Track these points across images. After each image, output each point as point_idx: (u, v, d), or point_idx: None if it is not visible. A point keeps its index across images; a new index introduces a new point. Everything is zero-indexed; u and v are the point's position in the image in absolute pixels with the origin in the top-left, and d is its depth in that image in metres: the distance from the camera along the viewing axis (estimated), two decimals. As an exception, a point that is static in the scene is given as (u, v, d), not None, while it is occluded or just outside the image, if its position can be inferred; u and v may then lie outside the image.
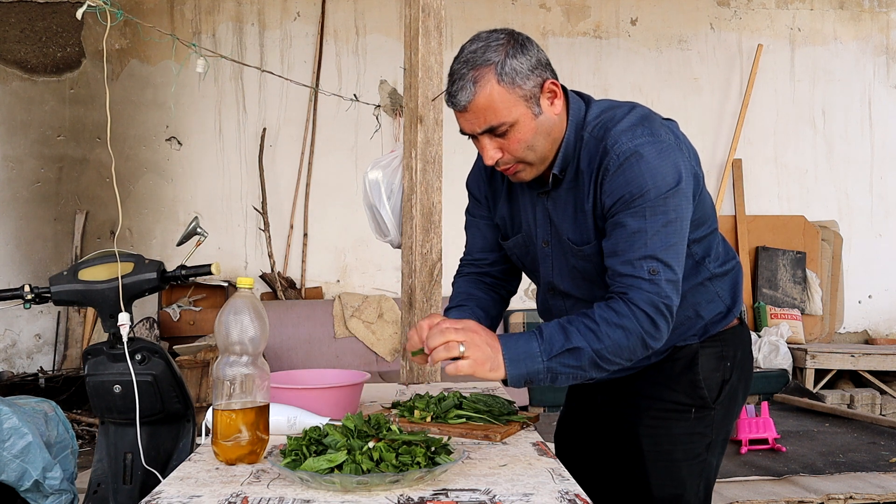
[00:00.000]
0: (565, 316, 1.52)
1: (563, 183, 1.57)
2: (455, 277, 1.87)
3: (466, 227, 1.85)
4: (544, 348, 1.42)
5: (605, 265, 1.50)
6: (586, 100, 1.59)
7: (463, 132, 1.53)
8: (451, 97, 1.48)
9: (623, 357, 1.45)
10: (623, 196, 1.45)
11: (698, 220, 1.57)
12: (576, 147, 1.54)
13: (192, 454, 1.55)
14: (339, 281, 6.07)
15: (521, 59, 1.44)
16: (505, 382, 1.46)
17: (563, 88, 1.55)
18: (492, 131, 1.47)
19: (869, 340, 6.57)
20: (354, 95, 5.43)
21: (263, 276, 5.87)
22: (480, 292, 1.80)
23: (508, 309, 6.00)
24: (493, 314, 1.80)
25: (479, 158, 1.74)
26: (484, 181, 1.76)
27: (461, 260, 1.88)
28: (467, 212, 1.84)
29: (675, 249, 1.45)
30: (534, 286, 1.85)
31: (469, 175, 1.81)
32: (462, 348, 1.40)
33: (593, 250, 1.55)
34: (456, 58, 1.51)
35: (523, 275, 1.88)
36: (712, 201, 1.66)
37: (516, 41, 1.46)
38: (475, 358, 1.41)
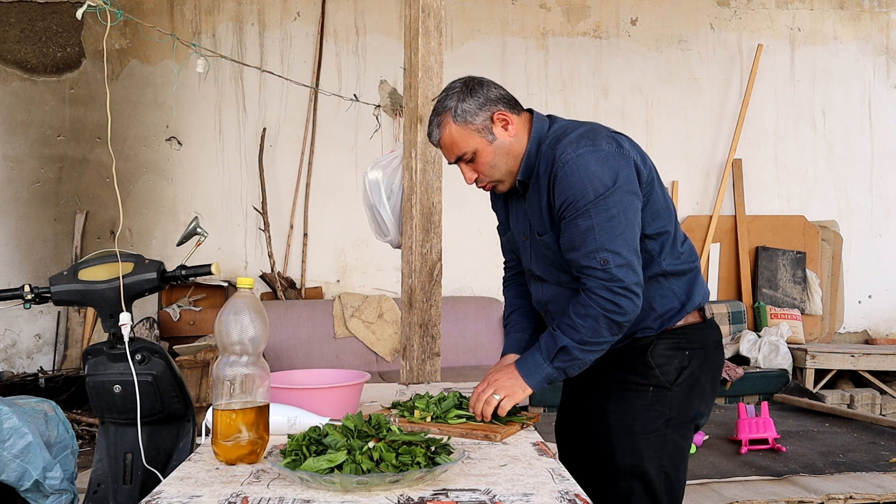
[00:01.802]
0: (545, 302, 1.95)
1: (530, 187, 1.89)
2: (503, 285, 2.21)
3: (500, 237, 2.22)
4: (544, 356, 1.79)
5: (569, 259, 1.80)
6: (553, 119, 1.91)
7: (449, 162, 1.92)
8: (429, 137, 1.90)
9: (604, 335, 1.76)
10: (568, 198, 1.75)
11: (651, 214, 1.83)
12: (536, 157, 1.86)
13: (192, 454, 1.55)
14: (339, 281, 6.07)
15: (471, 101, 1.82)
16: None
17: (530, 111, 1.90)
18: (461, 159, 1.86)
19: (869, 340, 6.57)
20: (354, 95, 5.43)
21: (263, 276, 5.87)
22: (521, 299, 2.12)
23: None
24: (534, 316, 2.10)
25: None
26: (493, 198, 2.11)
27: (504, 266, 2.22)
28: (497, 226, 2.18)
29: (622, 238, 1.73)
30: None
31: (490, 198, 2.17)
32: (497, 396, 1.77)
33: (551, 239, 1.86)
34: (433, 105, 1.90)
35: None
36: (670, 204, 1.92)
37: (468, 87, 1.84)
38: (508, 394, 1.78)
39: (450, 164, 1.93)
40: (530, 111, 1.92)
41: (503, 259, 2.22)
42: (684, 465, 1.94)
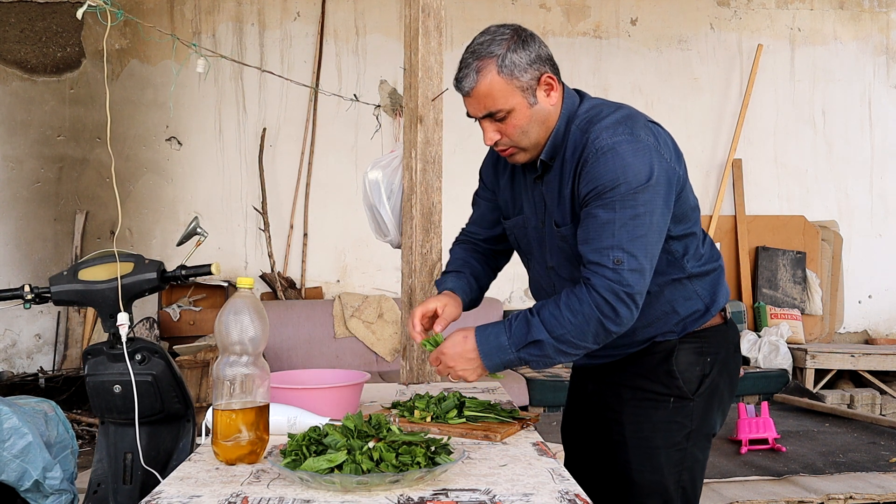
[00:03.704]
0: (547, 298, 1.72)
1: (552, 169, 1.70)
2: (452, 244, 2.04)
3: (472, 204, 2.04)
4: (512, 341, 1.60)
5: (579, 251, 1.61)
6: (582, 96, 1.73)
7: (469, 115, 1.68)
8: (458, 83, 1.64)
9: (588, 340, 1.57)
10: (596, 187, 1.56)
11: (678, 216, 1.67)
12: (564, 137, 1.66)
13: (192, 454, 1.55)
14: (339, 281, 6.07)
15: (522, 53, 1.59)
16: None
17: (563, 84, 1.70)
18: (491, 116, 1.62)
19: (869, 340, 6.57)
20: (354, 95, 5.43)
21: (263, 276, 5.87)
22: (475, 261, 1.96)
23: (508, 309, 6.01)
24: (482, 283, 1.97)
25: (491, 149, 1.89)
26: (491, 168, 1.93)
27: (461, 230, 2.06)
28: (475, 192, 2.02)
29: (642, 241, 1.55)
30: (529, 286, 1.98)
31: (482, 163, 1.99)
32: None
33: (569, 232, 1.68)
34: (467, 48, 1.65)
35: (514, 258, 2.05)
36: (696, 202, 1.76)
37: (520, 37, 1.61)
38: (462, 374, 1.67)
39: (470, 116, 1.68)
40: (563, 84, 1.71)
41: (466, 226, 2.03)
42: (701, 478, 1.83)
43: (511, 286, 6.01)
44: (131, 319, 2.11)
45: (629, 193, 1.53)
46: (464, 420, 1.76)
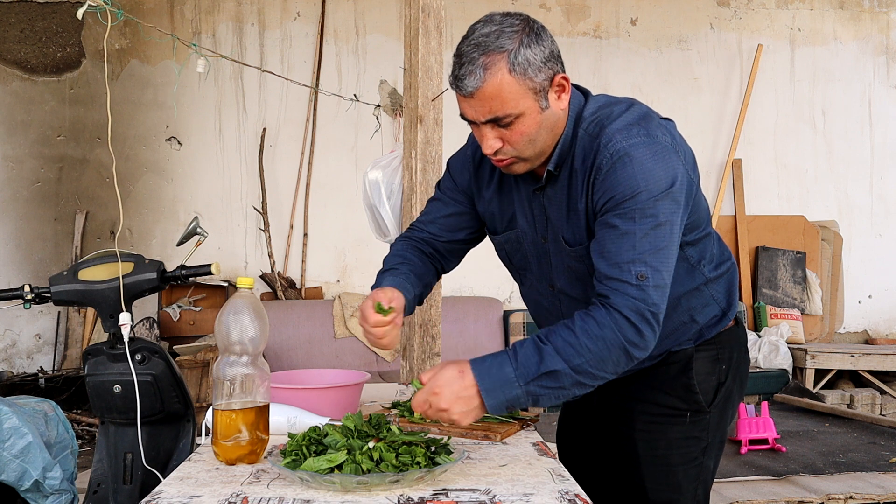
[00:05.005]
0: (554, 320, 1.56)
1: (558, 180, 1.52)
2: (396, 240, 1.83)
3: (431, 199, 1.82)
4: (520, 373, 1.37)
5: (594, 266, 1.44)
6: (585, 93, 1.54)
7: (464, 117, 1.47)
8: (458, 81, 1.42)
9: (608, 370, 1.39)
10: (614, 196, 1.40)
11: (693, 224, 1.54)
12: (572, 144, 1.49)
13: (192, 454, 1.55)
14: (339, 281, 6.07)
15: (536, 49, 1.38)
16: None
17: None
18: (496, 121, 1.41)
19: (869, 340, 6.57)
20: (354, 95, 5.43)
21: (263, 276, 5.87)
22: (416, 258, 1.74)
23: (508, 309, 6.00)
24: (426, 281, 1.75)
25: (469, 145, 1.73)
26: (470, 172, 1.71)
27: (412, 226, 1.84)
28: (438, 186, 1.80)
29: (664, 253, 1.39)
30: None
31: (454, 156, 1.77)
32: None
33: (586, 252, 1.50)
34: (465, 38, 1.44)
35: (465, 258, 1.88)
36: (707, 204, 1.63)
37: (532, 29, 1.40)
38: (457, 418, 1.40)
39: (467, 120, 1.46)
40: None
41: (418, 222, 1.80)
42: (711, 485, 1.74)
43: (511, 286, 6.00)
44: (131, 319, 2.11)
45: (650, 201, 1.37)
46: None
